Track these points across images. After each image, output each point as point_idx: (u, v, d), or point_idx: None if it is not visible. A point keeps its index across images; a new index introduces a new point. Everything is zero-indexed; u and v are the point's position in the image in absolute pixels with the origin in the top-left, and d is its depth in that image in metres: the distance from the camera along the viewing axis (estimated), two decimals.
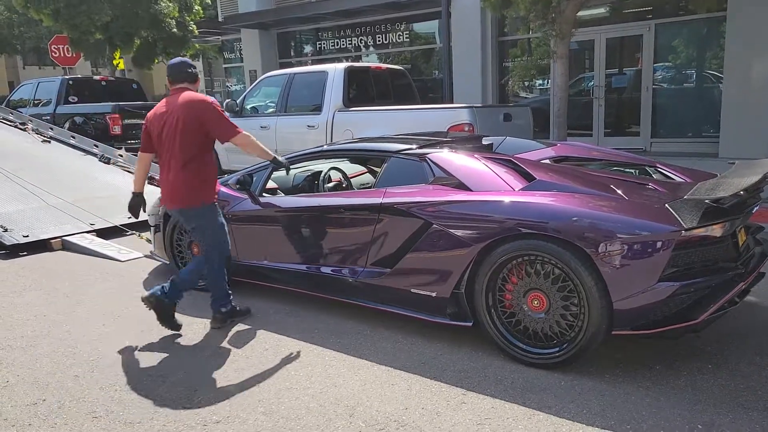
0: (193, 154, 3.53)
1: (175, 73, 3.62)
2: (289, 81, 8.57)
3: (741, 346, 3.23)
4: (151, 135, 3.63)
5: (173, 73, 3.63)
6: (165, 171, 3.61)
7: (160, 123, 3.56)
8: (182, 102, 3.51)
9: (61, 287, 4.78)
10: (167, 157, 3.57)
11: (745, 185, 2.95)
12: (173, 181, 3.56)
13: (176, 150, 3.51)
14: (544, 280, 3.04)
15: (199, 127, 3.50)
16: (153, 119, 3.62)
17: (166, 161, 3.59)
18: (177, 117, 3.49)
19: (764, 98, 8.78)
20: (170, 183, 3.57)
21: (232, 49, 19.20)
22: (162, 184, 3.67)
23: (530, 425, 2.58)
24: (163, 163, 3.61)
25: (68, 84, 12.14)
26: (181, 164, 3.52)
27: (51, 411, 2.86)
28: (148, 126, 3.65)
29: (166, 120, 3.54)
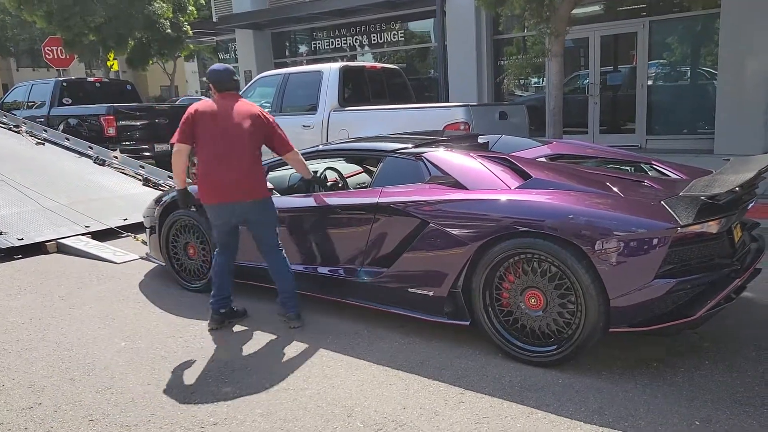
0: (258, 155, 3.75)
1: (224, 80, 3.77)
2: (284, 81, 8.55)
3: (737, 342, 3.24)
4: (197, 129, 3.63)
5: (222, 80, 3.76)
6: (226, 167, 3.61)
7: (217, 121, 3.63)
8: (248, 109, 3.73)
9: (57, 290, 4.76)
10: (228, 154, 3.61)
11: (741, 181, 2.95)
12: (245, 176, 3.64)
13: (246, 149, 3.65)
14: (541, 278, 3.04)
15: (263, 137, 3.76)
16: (204, 116, 3.64)
17: (225, 158, 3.61)
18: (245, 121, 3.67)
19: (758, 95, 8.81)
20: (239, 177, 3.63)
21: (227, 49, 19.16)
22: (220, 179, 3.62)
23: (528, 423, 2.58)
24: (220, 159, 3.61)
25: (62, 86, 12.09)
26: (251, 161, 3.67)
27: (47, 415, 2.84)
28: (195, 120, 3.64)
29: (227, 120, 3.63)
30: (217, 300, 3.83)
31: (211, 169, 3.64)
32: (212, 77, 3.78)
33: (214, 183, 3.64)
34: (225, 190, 3.64)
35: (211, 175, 3.64)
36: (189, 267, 4.67)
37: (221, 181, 3.62)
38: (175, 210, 4.63)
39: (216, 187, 3.65)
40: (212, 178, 3.64)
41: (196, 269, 4.63)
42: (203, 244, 4.52)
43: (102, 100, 11.70)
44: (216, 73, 3.79)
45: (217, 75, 3.77)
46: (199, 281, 4.61)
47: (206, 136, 3.63)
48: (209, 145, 3.63)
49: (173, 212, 4.65)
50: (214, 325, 3.83)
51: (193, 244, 4.59)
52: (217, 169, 3.62)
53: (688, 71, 10.37)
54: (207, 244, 4.49)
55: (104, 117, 10.73)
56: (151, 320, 4.03)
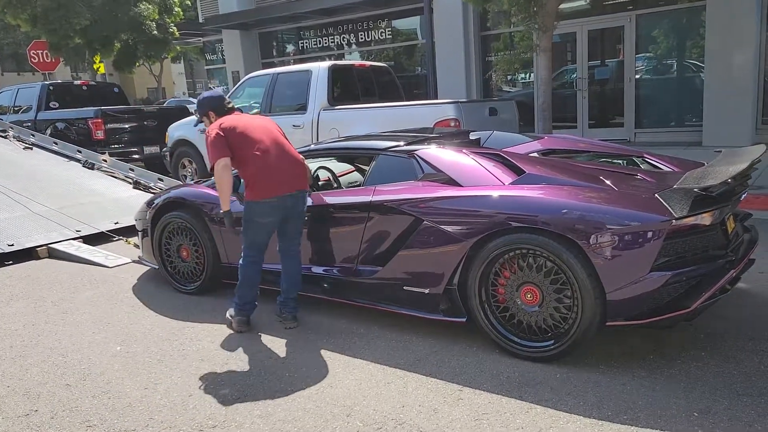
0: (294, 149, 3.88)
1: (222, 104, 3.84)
2: (272, 81, 8.51)
3: (733, 333, 3.26)
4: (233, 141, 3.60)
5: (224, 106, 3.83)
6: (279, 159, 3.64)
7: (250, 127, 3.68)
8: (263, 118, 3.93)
9: (49, 295, 4.72)
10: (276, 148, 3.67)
11: (733, 173, 2.97)
12: (296, 166, 3.73)
13: (286, 142, 3.81)
14: (536, 274, 3.05)
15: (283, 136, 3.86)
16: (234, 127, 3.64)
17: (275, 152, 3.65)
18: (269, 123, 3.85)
19: (745, 86, 8.88)
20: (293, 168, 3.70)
21: (214, 50, 19.06)
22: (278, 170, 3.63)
23: (528, 419, 2.59)
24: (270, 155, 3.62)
25: (49, 89, 11.97)
26: (296, 154, 3.80)
27: (44, 422, 2.81)
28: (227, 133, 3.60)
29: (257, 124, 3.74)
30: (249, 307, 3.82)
31: (264, 167, 3.60)
32: (211, 104, 3.83)
33: (272, 176, 3.60)
34: (284, 181, 3.63)
35: (267, 170, 3.60)
36: (182, 269, 4.64)
37: (280, 172, 3.62)
38: (168, 212, 4.60)
39: (274, 180, 3.61)
40: (268, 173, 3.60)
41: (189, 271, 4.60)
42: (196, 246, 4.50)
43: (89, 104, 11.60)
44: (213, 99, 3.86)
45: (214, 101, 3.84)
46: (192, 284, 4.58)
47: (247, 139, 3.61)
48: (254, 143, 3.61)
49: (166, 215, 4.61)
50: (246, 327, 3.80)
51: (186, 247, 4.56)
52: (272, 164, 3.61)
53: (675, 64, 10.43)
54: (200, 246, 4.46)
55: (92, 120, 10.63)
56: (146, 324, 4.00)
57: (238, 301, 3.79)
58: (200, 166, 9.28)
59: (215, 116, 3.80)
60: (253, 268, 3.76)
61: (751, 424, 2.43)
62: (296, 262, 3.84)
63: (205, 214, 4.38)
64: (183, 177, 9.55)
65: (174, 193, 4.65)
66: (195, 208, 4.45)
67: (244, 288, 3.77)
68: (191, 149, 9.33)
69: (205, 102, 3.86)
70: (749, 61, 8.81)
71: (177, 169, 9.66)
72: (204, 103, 3.86)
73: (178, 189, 4.76)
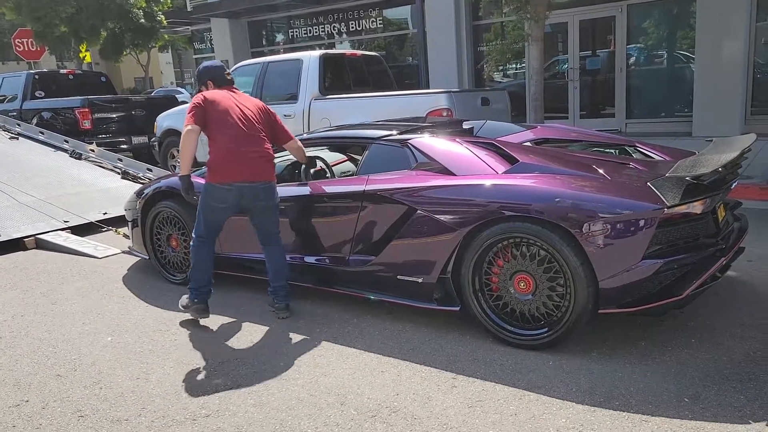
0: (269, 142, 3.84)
1: (221, 76, 3.84)
2: (263, 70, 8.45)
3: (723, 320, 3.29)
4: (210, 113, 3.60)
5: (220, 75, 3.83)
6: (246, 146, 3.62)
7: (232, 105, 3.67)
8: (253, 100, 3.86)
9: (38, 286, 4.67)
10: (249, 135, 3.64)
11: (724, 162, 2.99)
12: (265, 156, 3.71)
13: (262, 131, 3.74)
14: (530, 262, 3.06)
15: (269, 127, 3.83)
16: (216, 101, 3.64)
17: (246, 138, 3.62)
18: (255, 108, 3.78)
19: (735, 77, 8.93)
20: (260, 157, 3.67)
21: (203, 39, 18.88)
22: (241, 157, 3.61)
23: (521, 405, 2.60)
24: (241, 139, 3.61)
25: (34, 78, 11.82)
26: (268, 144, 3.77)
27: (35, 412, 2.79)
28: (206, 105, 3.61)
29: (241, 105, 3.71)
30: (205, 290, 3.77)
31: (230, 149, 3.59)
32: (210, 74, 3.84)
33: (234, 162, 3.59)
34: (245, 169, 3.61)
35: (228, 155, 3.59)
36: (172, 259, 4.61)
37: (242, 159, 3.60)
38: (158, 202, 4.56)
39: (236, 166, 3.59)
40: (229, 158, 3.59)
41: (179, 261, 4.57)
42: (185, 236, 4.46)
43: (76, 93, 11.46)
44: (213, 69, 3.86)
45: (214, 71, 3.85)
46: (181, 274, 4.55)
47: (222, 119, 3.61)
48: (227, 126, 3.60)
49: (156, 204, 4.57)
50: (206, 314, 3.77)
51: (176, 236, 4.53)
52: (238, 149, 3.59)
53: (666, 55, 10.46)
54: (189, 236, 4.42)
55: (79, 110, 10.51)
56: (137, 314, 3.98)
57: (193, 286, 3.76)
58: None
59: (213, 86, 3.80)
60: (203, 250, 3.75)
61: (740, 409, 2.45)
62: (277, 251, 3.82)
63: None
64: (172, 167, 9.48)
65: (164, 183, 4.61)
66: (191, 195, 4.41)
67: (196, 271, 3.75)
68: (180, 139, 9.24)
69: (204, 71, 3.87)
70: (739, 53, 8.85)
71: (166, 159, 9.59)
72: (203, 72, 3.87)
73: (169, 179, 4.72)
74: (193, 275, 3.76)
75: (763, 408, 2.45)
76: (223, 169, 3.60)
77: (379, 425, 2.53)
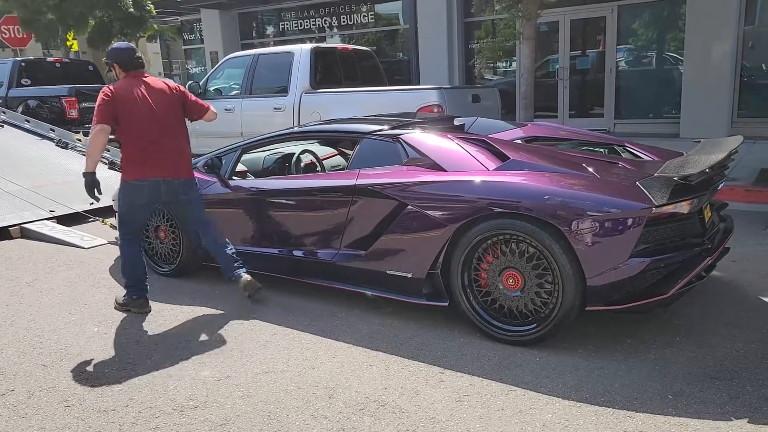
0: (186, 132, 3.85)
1: (130, 59, 3.72)
2: (253, 62, 8.40)
3: (707, 319, 3.34)
4: (120, 110, 3.57)
5: (128, 58, 3.71)
6: (161, 144, 3.64)
7: (142, 100, 3.61)
8: (161, 84, 3.76)
9: (23, 276, 4.63)
10: (162, 132, 3.65)
11: (711, 163, 3.03)
12: (180, 154, 3.75)
13: (176, 125, 3.75)
14: (519, 259, 3.08)
15: (182, 108, 3.82)
16: (125, 96, 3.58)
17: (159, 135, 3.63)
18: (165, 96, 3.70)
19: (723, 79, 9.02)
20: (176, 155, 3.72)
21: (192, 30, 18.68)
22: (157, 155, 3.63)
23: (508, 401, 2.63)
24: (154, 137, 3.62)
25: (20, 66, 11.66)
26: (183, 138, 3.79)
27: (20, 401, 2.77)
28: (116, 101, 3.57)
29: (150, 98, 3.63)
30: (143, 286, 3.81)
31: (143, 146, 3.61)
32: (116, 56, 3.73)
33: (147, 158, 3.62)
34: (159, 165, 3.64)
35: (144, 150, 3.62)
36: (160, 251, 4.58)
37: (156, 155, 3.63)
38: None
39: (149, 163, 3.62)
40: (144, 154, 3.62)
41: (167, 253, 4.55)
42: (173, 228, 4.43)
43: (63, 81, 11.32)
44: (120, 51, 3.75)
45: (121, 54, 3.73)
46: (169, 265, 4.52)
47: (132, 113, 3.59)
48: (137, 120, 3.60)
49: None
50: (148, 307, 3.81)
51: (163, 227, 4.50)
52: (151, 145, 3.61)
53: (655, 56, 10.55)
54: (177, 228, 4.40)
55: (66, 98, 10.39)
56: None
57: (130, 283, 3.78)
58: None
59: (120, 70, 3.73)
60: (132, 246, 3.79)
61: (722, 406, 2.49)
62: (213, 237, 3.91)
63: None
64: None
65: None
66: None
67: (129, 268, 3.78)
68: None
69: (111, 53, 3.77)
70: (727, 55, 8.94)
71: None
72: (110, 54, 3.77)
73: None
74: (128, 273, 3.79)
75: (745, 405, 2.49)
76: (137, 165, 3.63)
77: (367, 418, 2.54)
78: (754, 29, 9.33)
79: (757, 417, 2.41)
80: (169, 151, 3.69)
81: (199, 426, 2.53)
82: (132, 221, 3.76)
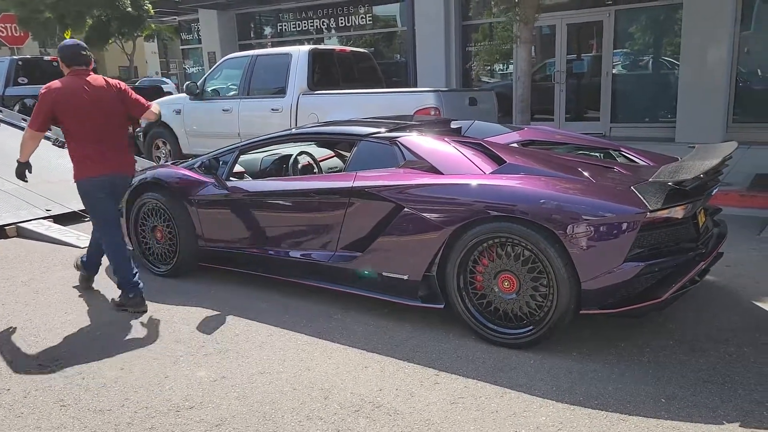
0: (127, 129, 3.95)
1: (75, 55, 3.78)
2: (251, 63, 8.42)
3: (700, 324, 3.36)
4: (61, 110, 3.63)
5: (73, 55, 3.77)
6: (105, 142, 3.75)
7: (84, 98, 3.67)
8: (102, 82, 3.81)
9: (19, 275, 4.62)
10: (105, 130, 3.74)
11: (706, 168, 3.06)
12: (123, 150, 3.88)
13: (118, 123, 3.84)
14: (514, 262, 3.10)
15: (124, 105, 3.87)
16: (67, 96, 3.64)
17: (102, 134, 3.73)
18: (107, 94, 3.77)
19: (718, 85, 9.08)
20: (120, 152, 3.84)
21: (190, 30, 18.69)
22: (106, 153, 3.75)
23: (502, 403, 2.64)
24: (101, 137, 3.73)
25: (18, 64, 11.67)
26: (124, 134, 3.90)
27: (16, 400, 2.78)
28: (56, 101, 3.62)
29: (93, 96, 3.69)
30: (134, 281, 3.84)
31: (90, 146, 3.71)
32: (60, 52, 3.81)
33: (95, 158, 3.72)
34: (107, 163, 3.76)
35: (90, 152, 3.71)
36: (157, 251, 4.59)
37: (102, 155, 3.73)
38: (144, 193, 4.54)
39: (99, 162, 3.73)
40: (91, 155, 3.71)
41: (163, 253, 4.55)
42: (170, 228, 4.44)
43: None
44: (64, 47, 3.82)
45: (65, 49, 3.80)
46: (165, 266, 4.53)
47: (77, 115, 3.66)
48: (83, 123, 3.68)
49: (141, 196, 4.55)
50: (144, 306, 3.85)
51: (160, 228, 4.51)
52: (94, 146, 3.71)
53: (652, 61, 10.60)
54: (174, 228, 4.40)
55: None
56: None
57: (123, 281, 3.83)
58: (174, 147, 9.15)
59: (63, 66, 3.80)
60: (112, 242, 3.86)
61: (714, 410, 2.52)
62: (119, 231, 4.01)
63: (183, 196, 4.33)
64: (156, 158, 9.41)
65: (151, 174, 4.59)
66: (172, 190, 4.40)
67: (118, 264, 3.83)
68: (166, 130, 9.19)
69: (60, 49, 3.85)
70: (723, 61, 8.99)
71: (150, 150, 9.51)
72: (59, 49, 3.86)
73: (155, 170, 4.70)
74: (118, 270, 3.83)
75: (737, 409, 2.51)
76: (87, 166, 3.74)
77: (362, 420, 2.55)
78: (750, 35, 9.39)
79: (748, 420, 2.43)
80: (114, 148, 3.79)
81: (194, 426, 2.54)
82: (104, 218, 3.87)
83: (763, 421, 2.43)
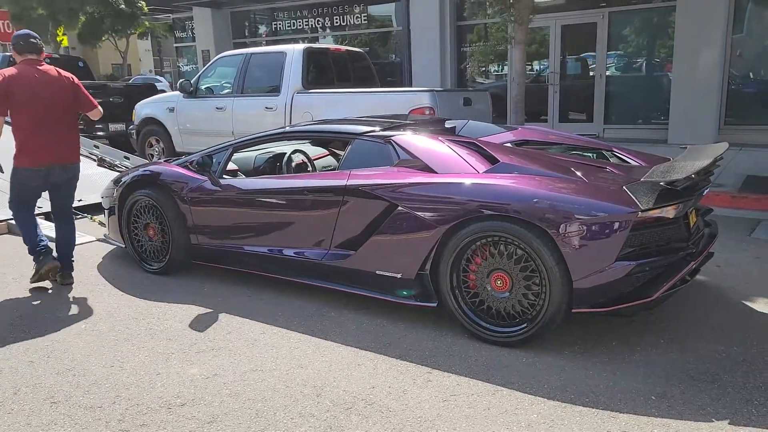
0: (75, 119, 4.13)
1: (26, 43, 3.93)
2: (245, 61, 8.40)
3: (691, 322, 3.39)
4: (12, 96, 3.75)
5: (24, 43, 3.92)
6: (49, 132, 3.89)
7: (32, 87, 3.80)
8: (54, 73, 3.96)
9: (9, 272, 4.60)
10: (47, 119, 3.87)
11: (697, 168, 3.08)
12: (67, 140, 4.03)
13: (63, 113, 3.97)
14: (507, 261, 3.11)
15: (73, 97, 4.04)
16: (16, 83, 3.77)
17: (47, 124, 3.87)
18: (56, 84, 3.92)
19: (711, 86, 9.14)
20: (63, 142, 3.99)
21: (184, 27, 18.62)
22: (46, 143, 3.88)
23: (494, 401, 2.65)
24: (42, 125, 3.86)
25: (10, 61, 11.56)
26: (71, 126, 4.06)
27: (6, 397, 2.76)
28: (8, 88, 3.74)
29: (40, 85, 3.84)
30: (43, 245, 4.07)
31: (31, 135, 3.83)
32: (13, 41, 3.98)
33: (36, 148, 3.85)
34: (51, 153, 3.89)
35: (32, 140, 3.84)
36: (149, 248, 4.57)
37: (43, 145, 3.85)
38: (136, 191, 4.52)
39: (37, 152, 3.86)
40: (33, 144, 3.85)
41: (156, 250, 4.54)
42: (162, 225, 4.43)
43: None
44: (16, 36, 3.99)
45: (16, 38, 3.96)
46: (158, 263, 4.51)
47: (22, 103, 3.78)
48: (27, 111, 3.80)
49: (134, 193, 4.53)
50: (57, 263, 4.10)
51: (153, 225, 4.50)
52: (38, 135, 3.83)
53: (645, 62, 10.65)
54: (166, 225, 4.39)
55: None
56: (112, 302, 3.95)
57: (33, 249, 4.06)
58: (168, 145, 9.12)
59: (16, 54, 3.93)
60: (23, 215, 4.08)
61: (704, 408, 2.54)
62: (71, 222, 4.28)
63: (176, 194, 4.32)
64: (149, 156, 9.38)
65: (143, 171, 4.57)
66: (165, 187, 4.38)
67: (27, 235, 4.05)
68: (159, 128, 9.16)
69: (12, 38, 4.01)
70: (715, 63, 9.05)
71: (143, 148, 9.48)
72: (12, 38, 4.02)
73: (148, 167, 4.69)
74: (27, 240, 4.06)
75: (726, 407, 2.54)
76: (29, 154, 3.86)
77: (355, 417, 2.55)
78: (742, 38, 9.46)
79: (737, 419, 2.45)
80: (56, 137, 3.92)
81: (186, 423, 2.54)
82: (23, 198, 4.05)
83: (751, 418, 2.45)
